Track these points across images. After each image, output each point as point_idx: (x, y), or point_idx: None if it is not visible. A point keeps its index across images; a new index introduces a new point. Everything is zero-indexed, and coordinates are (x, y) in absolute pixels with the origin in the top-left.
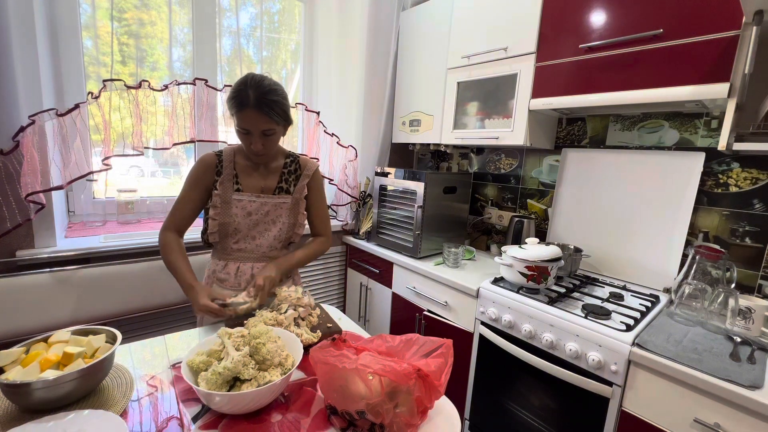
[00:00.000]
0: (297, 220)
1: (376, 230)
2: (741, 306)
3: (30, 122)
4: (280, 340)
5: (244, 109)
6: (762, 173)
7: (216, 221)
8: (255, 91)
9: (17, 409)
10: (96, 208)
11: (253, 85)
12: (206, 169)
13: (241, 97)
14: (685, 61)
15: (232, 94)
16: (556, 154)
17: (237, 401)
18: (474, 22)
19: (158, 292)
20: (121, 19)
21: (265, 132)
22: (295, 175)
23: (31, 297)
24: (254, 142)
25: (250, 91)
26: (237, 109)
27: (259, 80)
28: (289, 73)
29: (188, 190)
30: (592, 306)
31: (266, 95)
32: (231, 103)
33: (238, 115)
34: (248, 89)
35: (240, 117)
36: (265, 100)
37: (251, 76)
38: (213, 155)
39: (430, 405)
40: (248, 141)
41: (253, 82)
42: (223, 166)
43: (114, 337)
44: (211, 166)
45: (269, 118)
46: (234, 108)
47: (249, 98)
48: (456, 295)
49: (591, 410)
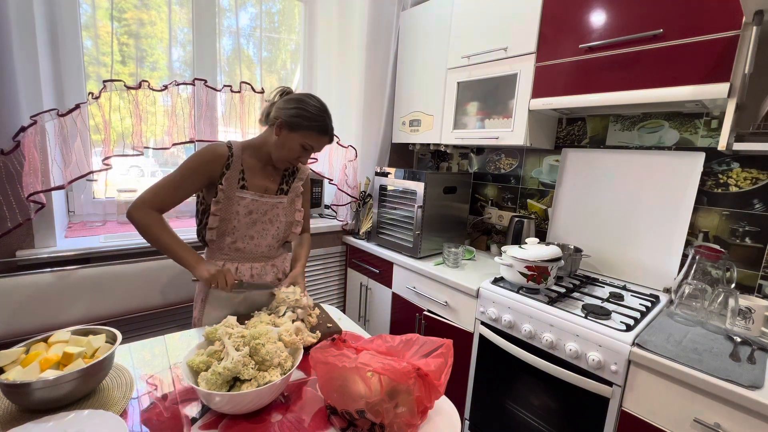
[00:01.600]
0: (294, 219)
1: (376, 230)
2: (741, 306)
3: (31, 122)
4: (280, 342)
5: (324, 137)
6: (762, 173)
7: (217, 217)
8: (331, 122)
9: (17, 409)
10: (96, 208)
11: (329, 116)
12: (215, 159)
13: (325, 125)
14: (685, 61)
15: (315, 116)
16: (556, 154)
17: (237, 401)
18: (474, 22)
19: (158, 292)
20: (121, 19)
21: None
22: (292, 177)
23: (31, 297)
24: (306, 157)
25: (329, 121)
26: (318, 133)
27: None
28: (288, 73)
29: (187, 175)
30: (592, 306)
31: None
32: (312, 125)
33: (315, 138)
34: (328, 120)
35: (316, 139)
36: (333, 129)
37: (325, 105)
38: (224, 147)
39: (430, 405)
40: (301, 155)
41: (328, 112)
42: (232, 161)
43: (114, 337)
44: (222, 158)
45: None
46: (315, 131)
47: (330, 128)
48: (456, 295)
49: (591, 410)
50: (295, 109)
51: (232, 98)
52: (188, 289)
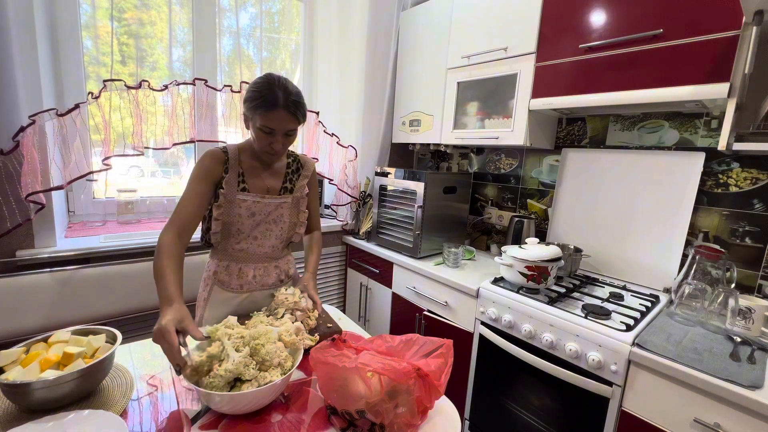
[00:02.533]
0: (298, 219)
1: (376, 230)
2: (741, 306)
3: (30, 122)
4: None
5: (273, 110)
6: (762, 173)
7: (219, 221)
8: (284, 93)
9: (17, 409)
10: (96, 208)
11: (281, 86)
12: (215, 163)
13: (271, 97)
14: (685, 61)
15: (257, 94)
16: (556, 154)
17: (237, 401)
18: (474, 22)
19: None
20: (121, 19)
21: (288, 132)
22: (297, 174)
23: (31, 297)
24: (276, 141)
25: (279, 92)
26: (265, 109)
27: (285, 82)
28: (289, 73)
29: (196, 184)
30: (592, 306)
31: (296, 96)
32: (257, 103)
33: (265, 115)
34: (277, 90)
35: (268, 117)
36: (295, 101)
37: (276, 77)
38: (219, 151)
39: (430, 405)
40: (269, 140)
41: (280, 83)
42: (230, 164)
43: (114, 337)
44: (220, 161)
45: (296, 118)
46: (261, 108)
47: (279, 99)
48: (456, 295)
49: (591, 410)
50: (246, 94)
51: (232, 98)
52: (188, 289)
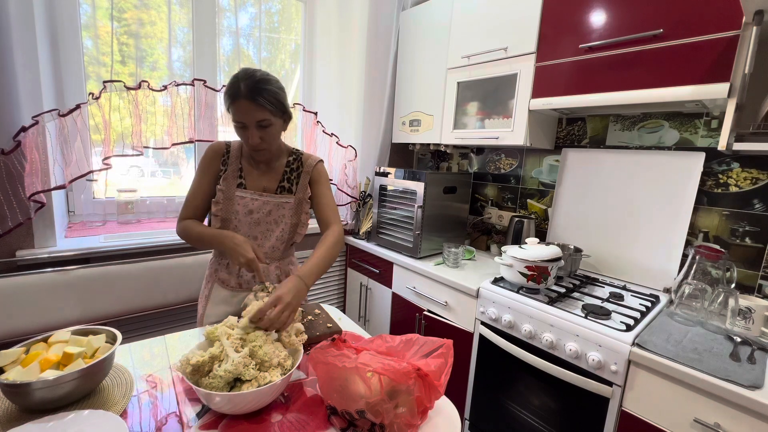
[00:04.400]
0: (300, 220)
1: (376, 230)
2: (741, 306)
3: (33, 122)
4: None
5: (236, 101)
6: (762, 173)
7: (218, 218)
8: (246, 81)
9: (17, 409)
10: (96, 208)
11: (244, 77)
12: (214, 156)
13: (234, 89)
14: (685, 61)
15: (226, 90)
16: (556, 154)
17: (237, 401)
18: (474, 22)
19: (158, 292)
20: (121, 19)
21: (260, 123)
22: (297, 173)
23: (31, 297)
24: (251, 135)
25: (242, 82)
26: (230, 101)
27: (252, 72)
28: (288, 73)
29: (199, 178)
30: (592, 306)
31: (257, 83)
32: (225, 98)
33: (232, 108)
34: (240, 81)
35: (234, 109)
36: (256, 88)
37: (244, 69)
38: (222, 144)
39: (430, 405)
40: (246, 135)
41: (244, 74)
42: (229, 159)
43: (114, 337)
44: (219, 154)
45: (262, 107)
46: (227, 101)
47: (240, 89)
48: (456, 295)
49: (591, 410)
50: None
51: None
52: (188, 289)
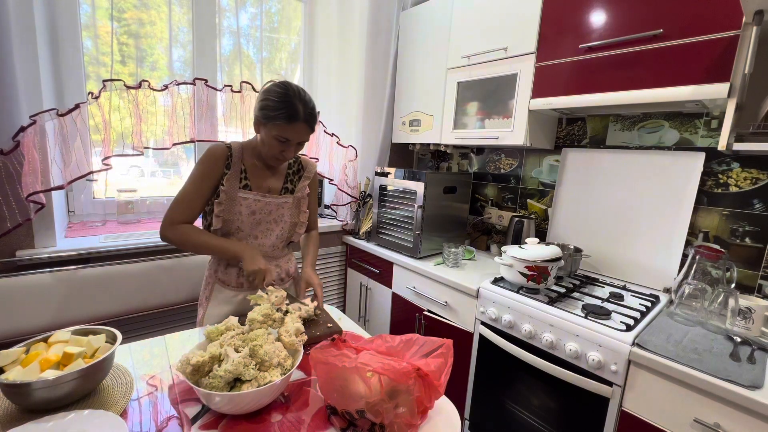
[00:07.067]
0: (299, 219)
1: (376, 230)
2: (741, 306)
3: (31, 122)
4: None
5: (294, 122)
6: (762, 173)
7: (220, 218)
8: (304, 106)
9: (17, 409)
10: (96, 208)
11: (300, 99)
12: (217, 160)
13: (292, 111)
14: (685, 61)
15: (278, 105)
16: (556, 154)
17: (237, 401)
18: (474, 22)
19: (158, 292)
20: (121, 19)
21: (301, 142)
22: (297, 176)
23: (31, 297)
24: (289, 150)
25: (300, 105)
26: (286, 121)
27: (304, 93)
28: (288, 73)
29: (200, 182)
30: (592, 306)
31: (312, 110)
32: (277, 114)
33: (285, 127)
34: (297, 102)
35: (287, 129)
36: (312, 115)
37: (295, 88)
38: (223, 147)
39: (430, 405)
40: (281, 148)
41: (299, 95)
42: (232, 161)
43: (114, 337)
44: (222, 158)
45: (312, 131)
46: (281, 119)
47: (299, 112)
48: (456, 295)
49: (591, 410)
50: (261, 102)
51: (232, 98)
52: (188, 289)
